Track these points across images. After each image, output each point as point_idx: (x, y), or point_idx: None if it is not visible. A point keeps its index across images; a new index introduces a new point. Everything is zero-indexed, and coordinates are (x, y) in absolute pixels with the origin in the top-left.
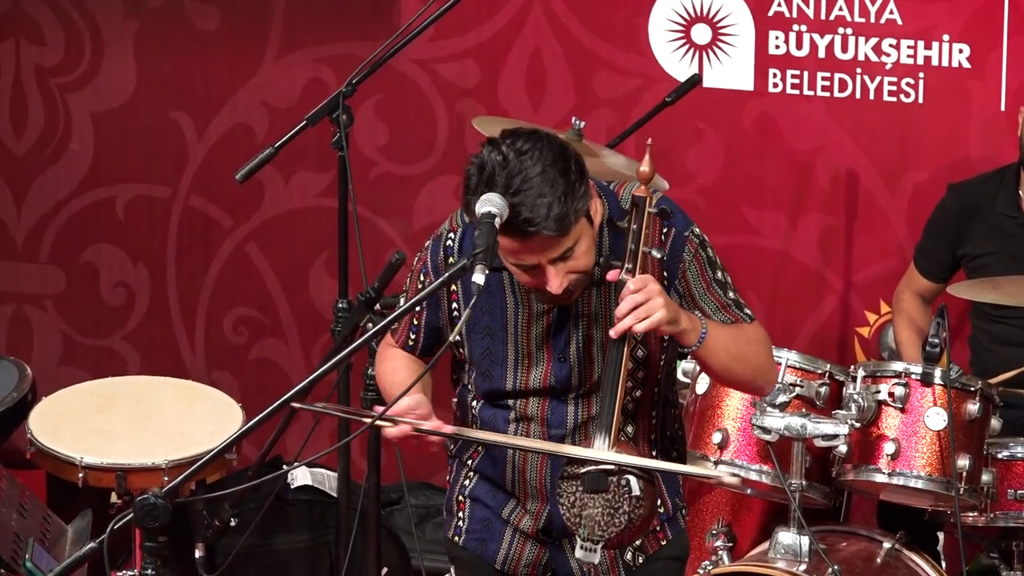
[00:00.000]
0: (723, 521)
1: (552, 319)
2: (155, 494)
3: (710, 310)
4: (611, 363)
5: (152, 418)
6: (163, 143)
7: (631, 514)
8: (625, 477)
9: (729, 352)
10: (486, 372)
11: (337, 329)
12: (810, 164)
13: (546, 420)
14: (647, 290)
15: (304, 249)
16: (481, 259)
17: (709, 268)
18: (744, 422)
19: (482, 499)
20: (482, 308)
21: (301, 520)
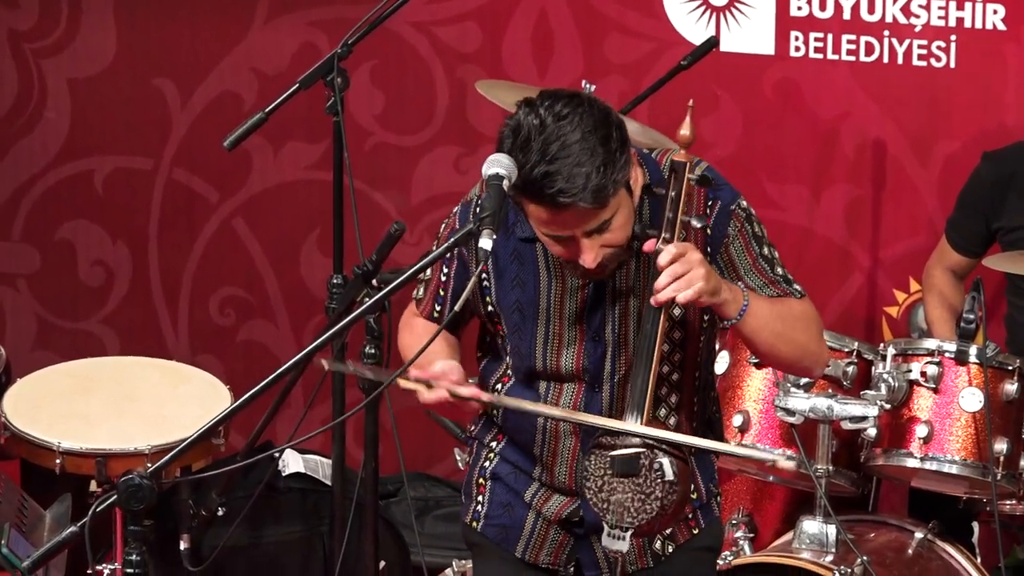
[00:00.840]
0: (744, 510)
1: (587, 295)
2: (140, 474)
3: (755, 286)
4: (646, 336)
5: (134, 401)
6: (145, 112)
7: (664, 500)
8: (658, 460)
9: (772, 328)
10: (516, 349)
11: (332, 306)
12: (834, 133)
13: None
14: (687, 259)
15: (295, 225)
16: (488, 224)
17: (755, 243)
18: (767, 404)
19: (504, 479)
20: (512, 281)
21: (293, 510)
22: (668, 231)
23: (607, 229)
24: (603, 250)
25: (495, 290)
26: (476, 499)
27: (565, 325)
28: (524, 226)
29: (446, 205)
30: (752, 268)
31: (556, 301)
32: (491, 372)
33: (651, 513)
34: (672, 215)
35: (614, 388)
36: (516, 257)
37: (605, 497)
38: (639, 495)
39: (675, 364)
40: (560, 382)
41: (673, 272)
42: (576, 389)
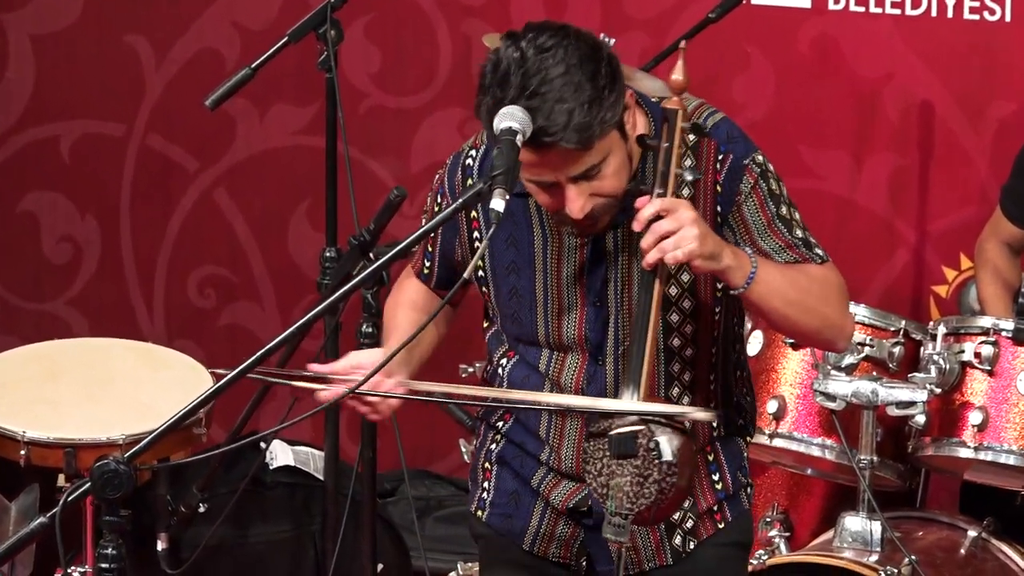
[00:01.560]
0: (778, 507)
1: (586, 256)
2: (116, 459)
3: (771, 249)
4: (639, 303)
5: (107, 386)
6: (116, 72)
7: (662, 483)
8: (654, 439)
9: (785, 297)
10: (514, 315)
11: (325, 282)
12: (877, 94)
13: (582, 390)
14: (677, 216)
15: (282, 196)
16: (500, 182)
17: (771, 202)
18: (804, 388)
19: (510, 464)
20: (505, 240)
21: (282, 507)
22: (661, 186)
23: (596, 175)
24: (593, 200)
25: (488, 252)
26: (482, 486)
27: (564, 288)
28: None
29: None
30: (767, 230)
31: (553, 261)
32: (496, 346)
33: (649, 498)
34: (665, 168)
35: (618, 361)
36: (509, 214)
37: (604, 482)
38: (637, 478)
39: (687, 337)
40: (563, 352)
41: (658, 230)
42: (579, 362)
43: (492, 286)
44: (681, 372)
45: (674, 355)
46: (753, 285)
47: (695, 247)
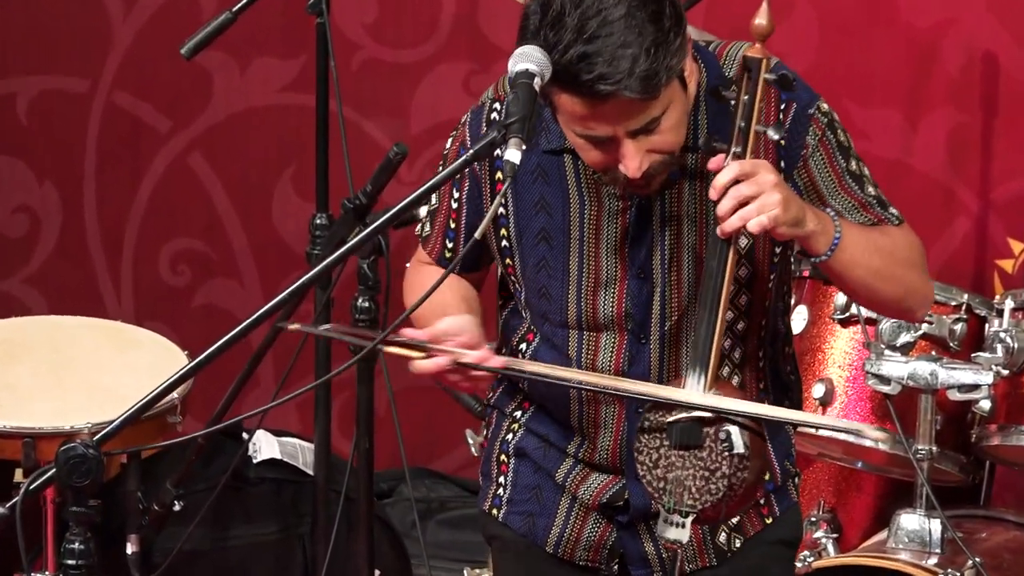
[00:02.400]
0: (825, 505)
1: (630, 220)
2: (84, 443)
3: (843, 209)
4: (711, 276)
5: (71, 369)
6: (79, 21)
7: (732, 478)
8: (725, 428)
9: (870, 264)
10: (543, 290)
11: (315, 252)
12: (934, 45)
13: (622, 374)
14: (758, 179)
15: (266, 160)
16: (516, 130)
17: (840, 156)
18: (855, 370)
19: (531, 455)
20: (534, 205)
21: (266, 505)
22: (739, 144)
23: (656, 129)
24: (650, 156)
25: (514, 218)
26: (497, 481)
27: (603, 257)
28: (550, 134)
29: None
30: (838, 187)
31: (590, 227)
32: (514, 328)
33: (717, 494)
34: (745, 124)
35: (665, 339)
36: (540, 175)
37: (661, 475)
38: (702, 472)
39: (740, 309)
40: (596, 332)
41: (738, 195)
42: (617, 341)
43: (518, 257)
44: (732, 348)
45: (727, 330)
46: (837, 251)
47: (779, 213)
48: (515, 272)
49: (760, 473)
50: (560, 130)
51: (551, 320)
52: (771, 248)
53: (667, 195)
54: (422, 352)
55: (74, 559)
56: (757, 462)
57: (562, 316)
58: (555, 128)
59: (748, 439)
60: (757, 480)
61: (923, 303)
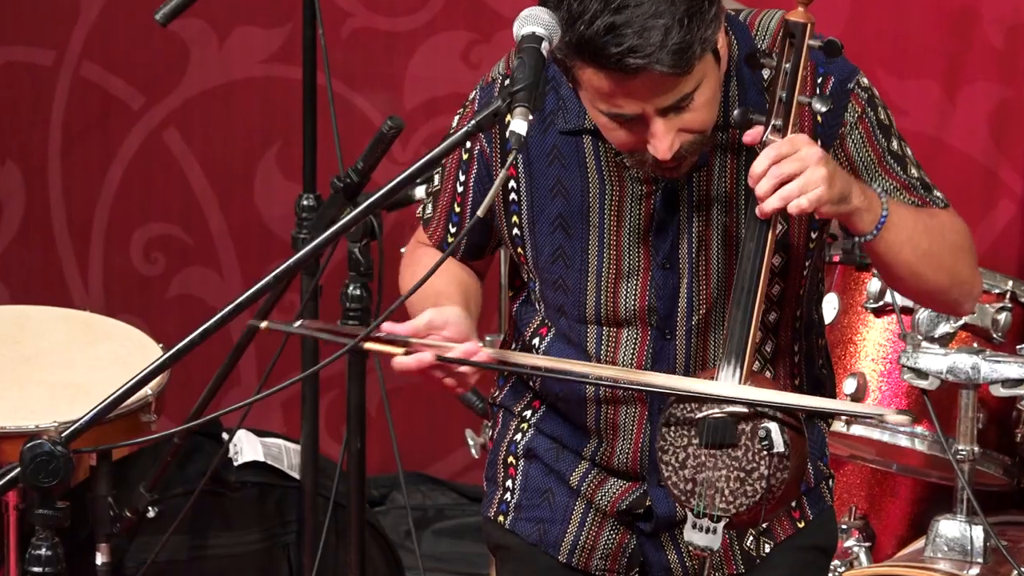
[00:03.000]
0: (857, 511)
1: (655, 205)
2: (52, 440)
3: (883, 192)
4: (749, 259)
5: (35, 364)
6: None
7: (771, 479)
8: (764, 425)
9: (918, 245)
10: (559, 282)
11: (302, 236)
12: (974, 11)
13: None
14: (801, 155)
15: (247, 137)
16: (522, 99)
17: (880, 134)
18: (889, 363)
19: (542, 457)
20: (551, 189)
21: (248, 512)
22: (780, 117)
23: (688, 107)
24: (681, 136)
25: (527, 203)
26: (503, 485)
27: (625, 246)
28: (568, 113)
29: (452, 110)
30: (878, 168)
31: (612, 213)
32: (526, 320)
33: (753, 497)
34: (787, 95)
35: (692, 335)
36: (556, 157)
37: (690, 475)
38: (737, 472)
39: (772, 299)
40: (616, 328)
41: (779, 174)
42: (639, 337)
43: (531, 246)
44: (763, 342)
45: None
46: (884, 230)
47: (823, 191)
48: (528, 262)
49: (800, 473)
50: (578, 108)
51: (567, 314)
52: (807, 232)
53: (696, 178)
54: (403, 347)
55: (40, 566)
56: (797, 462)
57: (580, 310)
58: (573, 106)
59: (789, 437)
60: (796, 481)
61: (970, 296)
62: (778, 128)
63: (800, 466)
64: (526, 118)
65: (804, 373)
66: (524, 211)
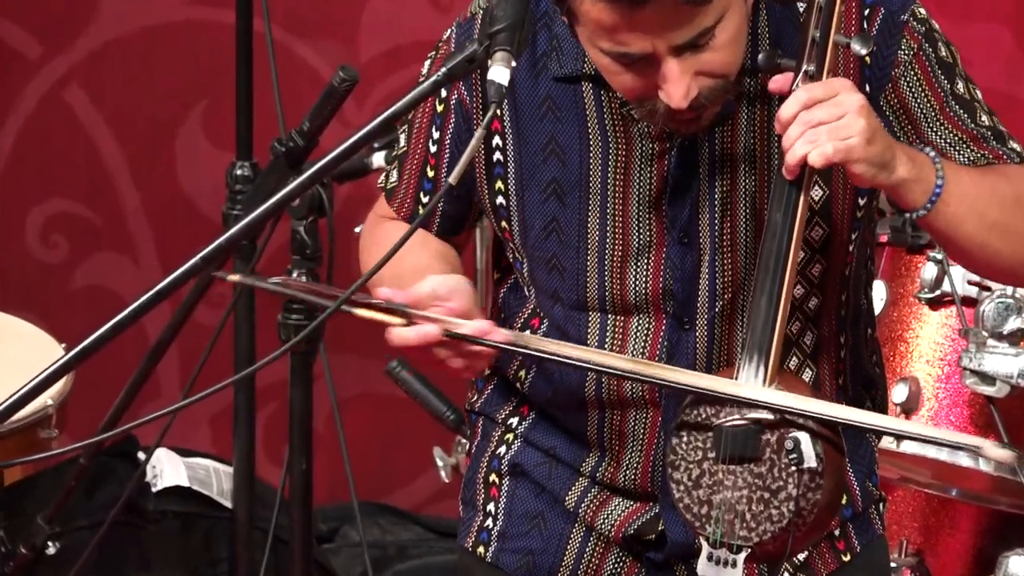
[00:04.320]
0: (909, 545)
1: (669, 167)
2: None
3: (948, 145)
4: (774, 233)
5: None
6: None
7: (801, 501)
8: (792, 435)
9: (985, 217)
10: (553, 261)
11: (235, 212)
12: None
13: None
14: (839, 100)
15: (168, 95)
16: (503, 42)
17: (943, 75)
18: (948, 365)
19: (531, 474)
20: (543, 148)
21: (170, 548)
22: (813, 61)
23: (707, 45)
24: (699, 81)
25: (514, 166)
26: (484, 509)
27: (634, 217)
28: (563, 56)
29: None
30: (940, 116)
31: (617, 177)
32: (515, 309)
33: (780, 522)
34: (821, 35)
35: (715, 324)
36: (550, 109)
37: (704, 496)
38: (760, 492)
39: (813, 282)
40: (624, 316)
41: (810, 119)
42: (652, 328)
43: (519, 218)
44: (801, 333)
45: (794, 308)
46: (940, 204)
47: (856, 143)
48: (515, 238)
49: (836, 495)
50: (576, 50)
51: (564, 301)
52: (854, 199)
53: (718, 133)
54: (402, 319)
55: None
56: (833, 480)
57: (579, 295)
58: (569, 47)
59: (822, 450)
60: (832, 504)
61: None
62: (810, 74)
63: (837, 485)
64: (508, 64)
65: (851, 370)
66: (510, 176)
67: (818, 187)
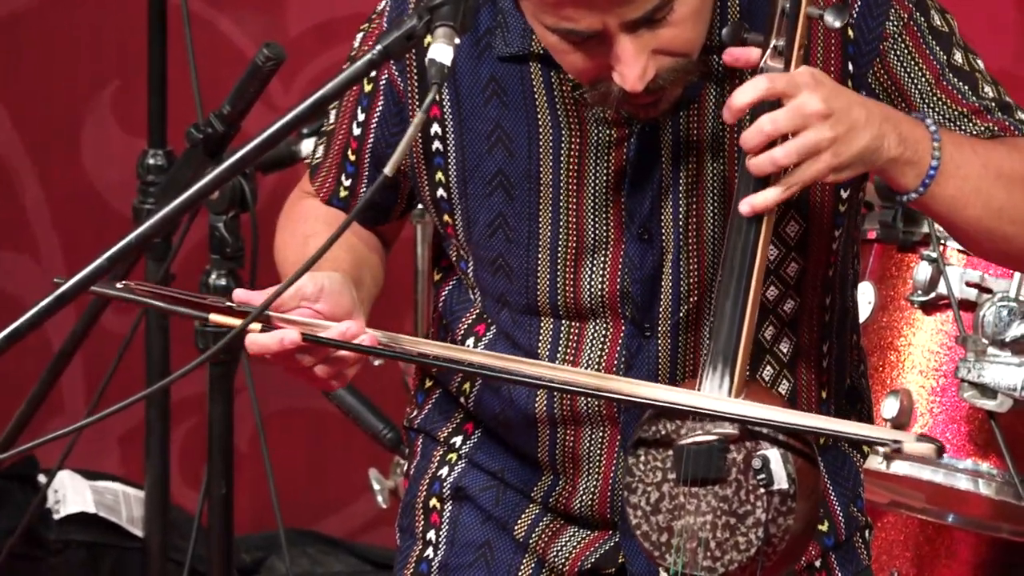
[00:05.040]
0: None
1: (628, 155)
2: None
3: (945, 121)
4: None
5: None
6: None
7: (771, 527)
8: (760, 453)
9: (991, 198)
10: (499, 261)
11: (147, 206)
12: None
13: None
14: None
15: (73, 76)
16: (445, 16)
17: (937, 45)
18: (944, 377)
19: (476, 499)
20: (488, 135)
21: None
22: (783, 35)
23: (664, 19)
24: (657, 60)
25: (455, 156)
26: (424, 537)
27: (588, 212)
28: (509, 33)
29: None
30: (935, 90)
31: (570, 168)
32: (458, 314)
33: (747, 550)
34: (791, 5)
35: (679, 331)
36: (495, 92)
37: (664, 522)
38: (727, 518)
39: (789, 282)
40: (579, 321)
41: (772, 128)
42: (609, 334)
43: (461, 213)
44: (777, 339)
45: (767, 312)
46: (935, 185)
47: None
48: (458, 234)
49: (811, 520)
50: (523, 26)
51: (512, 304)
52: (834, 192)
53: (682, 117)
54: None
55: None
56: (807, 504)
57: (528, 299)
58: (516, 23)
59: (794, 469)
60: (807, 530)
61: None
62: (780, 50)
63: (812, 510)
64: (451, 42)
65: (834, 382)
66: (451, 167)
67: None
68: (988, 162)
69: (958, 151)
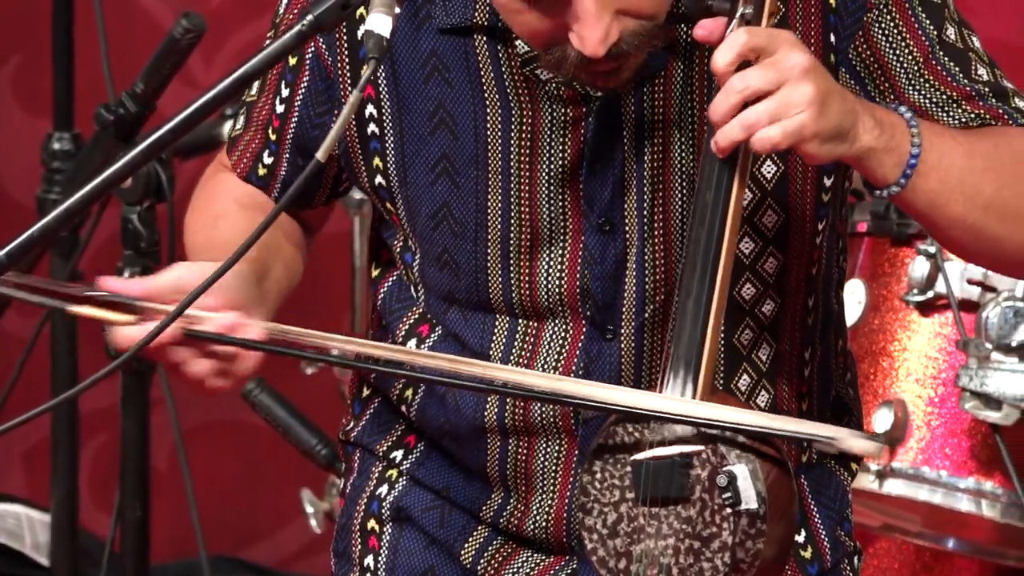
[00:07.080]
0: None
1: (586, 135)
2: None
3: (933, 105)
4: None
5: None
6: None
7: (738, 551)
8: (726, 470)
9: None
10: (445, 256)
11: (51, 196)
12: None
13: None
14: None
15: None
16: None
17: (927, 18)
18: (943, 385)
19: (418, 520)
20: (429, 116)
21: None
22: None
23: None
24: (621, 22)
25: (393, 139)
26: (361, 562)
27: (542, 199)
28: (449, 2)
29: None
30: (923, 70)
31: (522, 150)
32: (399, 313)
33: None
34: None
35: (644, 332)
36: (436, 68)
37: (622, 546)
38: (690, 541)
39: (767, 280)
40: (536, 321)
41: (744, 87)
42: (568, 334)
43: (403, 202)
44: (755, 345)
45: (744, 314)
46: (916, 178)
47: (806, 119)
48: (403, 224)
49: (785, 543)
50: None
51: (459, 302)
52: (817, 178)
53: (646, 92)
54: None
55: None
56: (780, 527)
57: (478, 296)
58: None
59: (764, 485)
60: (780, 555)
61: None
62: (747, 19)
63: (786, 532)
64: (391, 11)
65: (818, 392)
66: (390, 152)
67: (770, 162)
68: (972, 153)
69: (940, 139)
